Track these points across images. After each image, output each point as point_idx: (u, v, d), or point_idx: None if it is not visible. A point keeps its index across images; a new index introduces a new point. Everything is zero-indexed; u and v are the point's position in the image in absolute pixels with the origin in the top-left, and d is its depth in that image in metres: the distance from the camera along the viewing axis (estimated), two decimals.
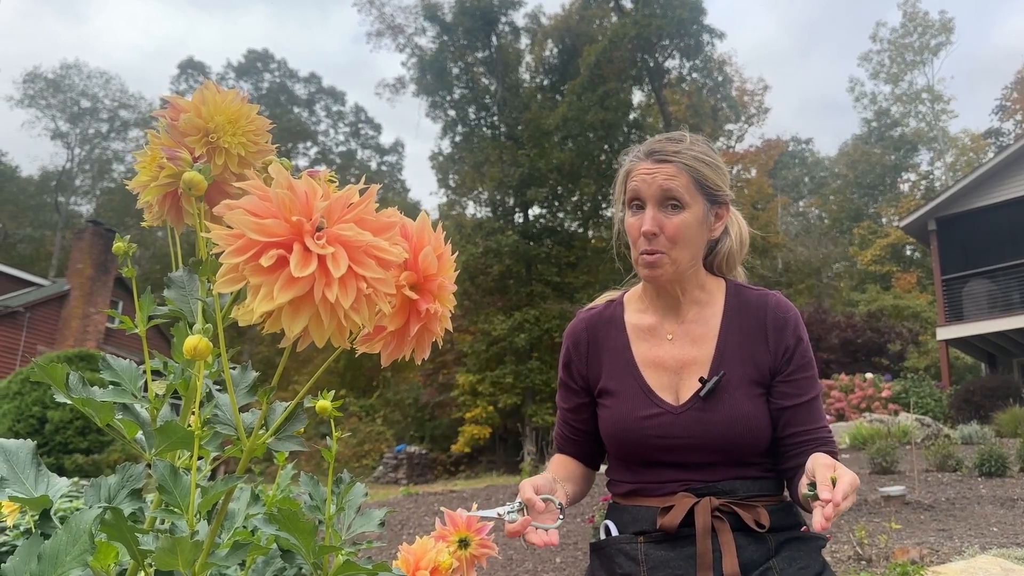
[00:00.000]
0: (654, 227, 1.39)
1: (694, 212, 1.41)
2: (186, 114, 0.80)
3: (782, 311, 1.47)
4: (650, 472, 1.44)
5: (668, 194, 1.39)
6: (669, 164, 1.40)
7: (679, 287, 1.48)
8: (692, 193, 1.40)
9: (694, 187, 1.41)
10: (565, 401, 1.60)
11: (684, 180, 1.40)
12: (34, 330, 22.32)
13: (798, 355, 1.44)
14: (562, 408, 1.62)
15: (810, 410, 1.43)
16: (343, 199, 0.60)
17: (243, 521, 0.96)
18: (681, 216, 1.39)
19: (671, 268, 1.42)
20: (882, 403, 14.69)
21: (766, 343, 1.44)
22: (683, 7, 28.96)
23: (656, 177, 1.40)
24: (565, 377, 1.59)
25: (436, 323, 0.70)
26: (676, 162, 1.40)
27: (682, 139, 1.45)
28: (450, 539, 1.24)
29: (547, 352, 25.56)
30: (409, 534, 7.84)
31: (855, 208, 41.81)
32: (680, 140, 1.45)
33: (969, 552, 4.67)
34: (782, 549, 1.36)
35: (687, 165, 1.40)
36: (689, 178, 1.40)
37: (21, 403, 14.17)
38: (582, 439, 1.59)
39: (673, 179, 1.39)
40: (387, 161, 48.81)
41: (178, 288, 0.86)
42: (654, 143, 1.45)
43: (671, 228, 1.39)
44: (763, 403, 1.42)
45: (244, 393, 0.84)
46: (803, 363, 1.45)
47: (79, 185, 46.11)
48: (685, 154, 1.41)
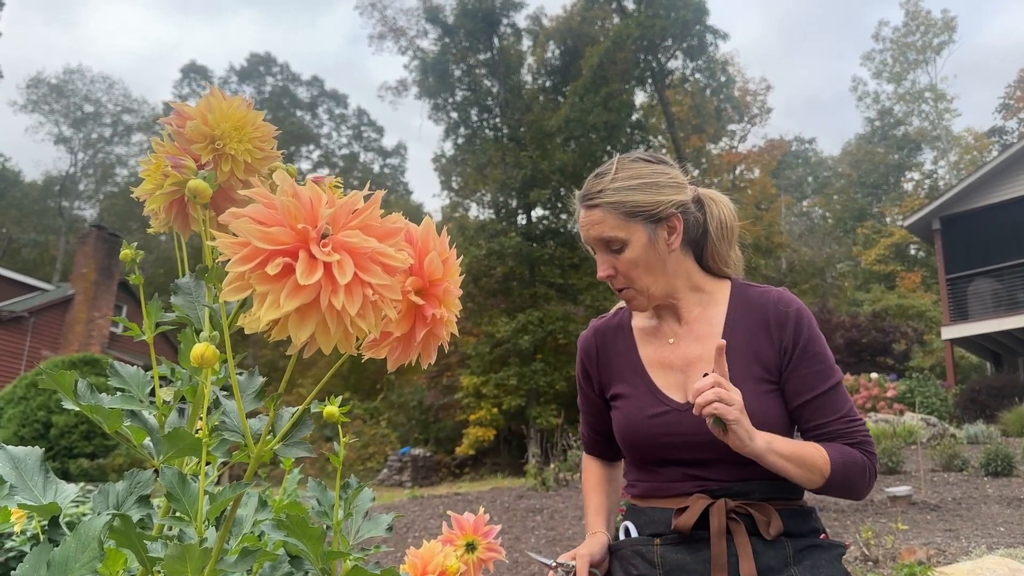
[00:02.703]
0: (608, 271, 1.46)
1: (637, 242, 1.43)
2: (192, 121, 0.81)
3: (784, 305, 1.45)
4: (663, 472, 1.45)
5: (602, 240, 1.44)
6: (595, 209, 1.44)
7: (668, 300, 1.51)
8: (626, 227, 1.43)
9: (626, 219, 1.42)
10: (585, 408, 1.67)
11: (612, 220, 1.43)
12: (38, 335, 22.37)
13: (800, 349, 1.42)
14: (584, 413, 1.68)
15: (821, 405, 1.40)
16: (348, 205, 0.60)
17: (251, 527, 0.96)
18: (625, 255, 1.44)
19: (644, 297, 1.47)
20: (887, 403, 14.66)
21: (769, 338, 1.43)
22: (686, 8, 28.94)
23: (589, 229, 1.45)
24: (583, 385, 1.65)
25: (442, 328, 0.70)
26: (600, 203, 1.43)
27: (608, 171, 1.47)
28: (457, 543, 1.24)
29: (551, 354, 25.54)
30: (415, 537, 7.83)
31: (859, 208, 41.74)
32: (605, 174, 1.47)
33: (976, 552, 4.65)
34: (802, 558, 1.35)
35: (611, 203, 1.43)
36: (617, 215, 1.42)
37: (26, 408, 14.19)
38: (606, 440, 1.65)
39: (601, 224, 1.43)
40: (390, 164, 48.94)
41: (185, 295, 0.87)
42: (585, 184, 1.49)
43: (622, 267, 1.45)
44: (772, 399, 1.41)
45: (251, 399, 0.84)
46: (810, 356, 1.42)
47: (83, 190, 46.23)
48: (608, 190, 1.44)
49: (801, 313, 1.45)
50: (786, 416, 1.42)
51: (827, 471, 1.33)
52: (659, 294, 1.48)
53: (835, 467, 1.34)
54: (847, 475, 1.35)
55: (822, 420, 1.40)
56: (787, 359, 1.42)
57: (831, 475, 1.34)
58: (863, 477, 1.37)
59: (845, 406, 1.41)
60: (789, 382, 1.42)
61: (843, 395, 1.42)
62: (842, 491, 1.38)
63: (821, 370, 1.42)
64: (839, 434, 1.39)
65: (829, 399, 1.41)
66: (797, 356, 1.42)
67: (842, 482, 1.35)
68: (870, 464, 1.38)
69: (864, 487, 1.39)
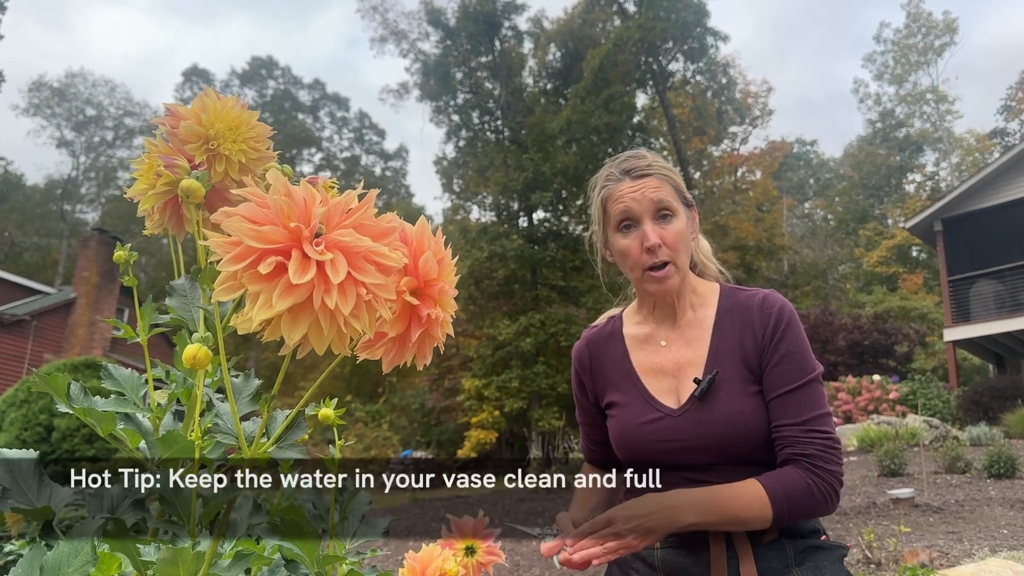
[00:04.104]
0: (657, 239, 1.41)
1: (682, 218, 1.45)
2: (186, 121, 0.80)
3: (768, 305, 1.44)
4: (661, 477, 1.44)
5: (659, 205, 1.42)
6: (649, 177, 1.44)
7: (678, 295, 1.50)
8: (676, 201, 1.45)
9: (675, 193, 1.45)
10: (583, 418, 1.65)
11: (668, 189, 1.44)
12: (40, 338, 22.38)
13: (774, 346, 1.39)
14: (582, 423, 1.67)
15: (783, 404, 1.35)
16: (342, 205, 0.59)
17: (246, 531, 0.95)
18: (675, 224, 1.43)
19: (678, 277, 1.44)
20: (890, 405, 14.65)
21: (754, 339, 1.42)
22: (687, 10, 28.95)
23: (644, 192, 1.42)
24: (579, 395, 1.64)
25: (437, 328, 0.70)
26: (654, 174, 1.44)
27: (645, 155, 1.49)
28: (456, 546, 1.23)
29: (553, 356, 25.52)
30: (416, 540, 7.82)
31: (861, 209, 41.70)
32: (644, 156, 1.49)
33: (979, 555, 4.64)
34: (803, 559, 1.34)
35: (664, 175, 1.45)
36: (670, 187, 1.45)
37: (28, 411, 14.20)
38: (604, 449, 1.63)
39: (659, 190, 1.43)
40: (391, 167, 48.93)
41: (180, 296, 0.86)
42: (624, 163, 1.48)
43: (671, 237, 1.42)
44: (760, 400, 1.40)
45: (247, 401, 0.83)
46: (782, 355, 1.38)
47: (84, 193, 46.27)
48: (656, 166, 1.46)
49: (783, 312, 1.42)
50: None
51: (768, 513, 1.27)
52: (685, 276, 1.47)
53: (776, 504, 1.27)
54: (792, 506, 1.28)
55: (780, 422, 1.34)
56: (764, 357, 1.40)
57: (774, 513, 1.27)
58: (810, 500, 1.29)
59: (808, 411, 1.34)
60: (763, 380, 1.40)
61: (810, 399, 1.35)
62: (794, 520, 1.31)
63: (790, 369, 1.37)
64: (791, 441, 1.32)
65: (792, 400, 1.34)
66: (770, 353, 1.39)
67: (789, 514, 1.28)
68: (818, 483, 1.29)
69: (817, 509, 1.31)
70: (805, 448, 1.32)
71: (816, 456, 1.31)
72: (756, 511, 1.27)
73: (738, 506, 1.27)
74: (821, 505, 1.30)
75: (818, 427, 1.33)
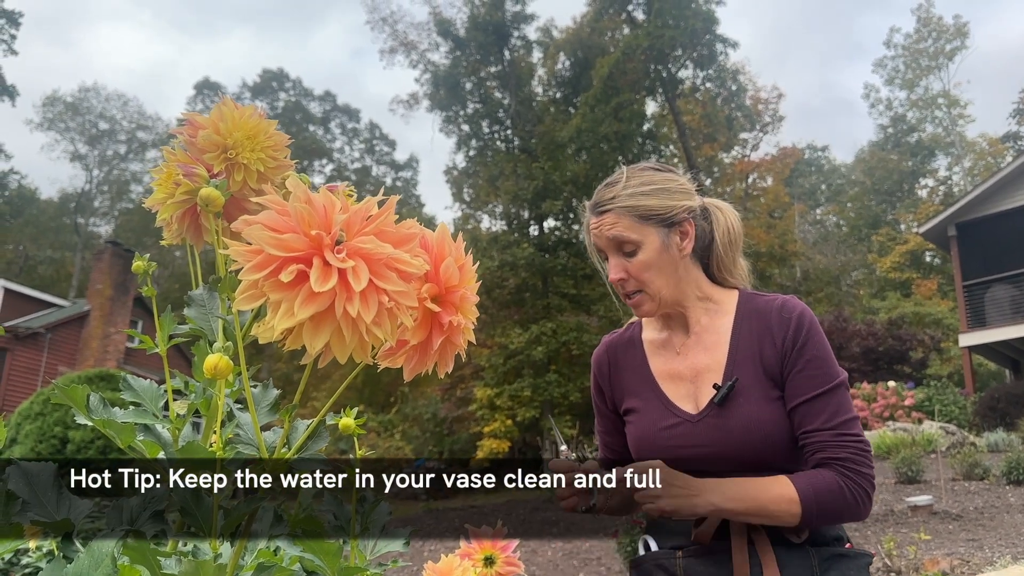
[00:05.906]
0: (620, 274, 1.45)
1: (650, 245, 1.44)
2: (205, 131, 0.80)
3: (788, 310, 1.44)
4: None
5: (616, 241, 1.44)
6: (608, 213, 1.45)
7: (677, 308, 1.50)
8: (640, 229, 1.44)
9: (640, 222, 1.44)
10: (601, 426, 1.65)
11: (626, 222, 1.44)
12: (55, 351, 22.53)
13: (796, 352, 1.38)
14: (600, 433, 1.66)
15: (810, 411, 1.35)
16: (362, 212, 0.59)
17: (266, 542, 0.95)
18: (638, 257, 1.44)
19: (653, 303, 1.46)
20: (905, 411, 14.53)
21: (773, 345, 1.41)
22: (696, 17, 28.97)
23: (601, 230, 1.46)
24: (598, 402, 1.63)
25: (459, 335, 0.69)
26: (613, 208, 1.45)
27: (618, 180, 1.49)
28: (475, 557, 1.22)
29: (565, 365, 25.46)
30: (431, 550, 7.80)
31: (873, 215, 41.51)
32: (616, 182, 1.48)
33: (1001, 563, 4.58)
34: (828, 567, 1.32)
35: (624, 207, 1.44)
36: (631, 218, 1.44)
37: (43, 423, 14.27)
38: (623, 460, 1.60)
39: (615, 226, 1.44)
40: (402, 176, 49.06)
41: (198, 306, 0.86)
42: (596, 194, 1.50)
43: (634, 270, 1.44)
44: (780, 407, 1.39)
45: (266, 411, 0.83)
46: (805, 360, 1.37)
47: (98, 206, 46.64)
48: (620, 196, 1.45)
49: (803, 317, 1.42)
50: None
51: (796, 509, 1.27)
52: (669, 299, 1.47)
53: (806, 502, 1.27)
54: (822, 506, 1.28)
55: (809, 427, 1.34)
56: (786, 363, 1.39)
57: (803, 511, 1.27)
58: (843, 502, 1.29)
59: (837, 416, 1.34)
60: (786, 387, 1.39)
61: (838, 403, 1.35)
62: (824, 522, 1.31)
63: (815, 374, 1.37)
64: (823, 446, 1.32)
65: (819, 405, 1.34)
66: (793, 359, 1.39)
67: (819, 514, 1.28)
68: (850, 485, 1.29)
69: (849, 512, 1.31)
70: (838, 452, 1.32)
71: (849, 459, 1.31)
72: (784, 504, 1.27)
73: (766, 497, 1.28)
74: (853, 508, 1.30)
75: (849, 431, 1.33)
